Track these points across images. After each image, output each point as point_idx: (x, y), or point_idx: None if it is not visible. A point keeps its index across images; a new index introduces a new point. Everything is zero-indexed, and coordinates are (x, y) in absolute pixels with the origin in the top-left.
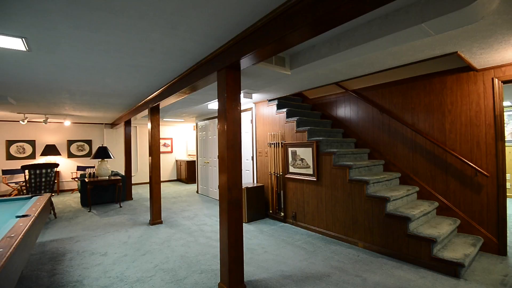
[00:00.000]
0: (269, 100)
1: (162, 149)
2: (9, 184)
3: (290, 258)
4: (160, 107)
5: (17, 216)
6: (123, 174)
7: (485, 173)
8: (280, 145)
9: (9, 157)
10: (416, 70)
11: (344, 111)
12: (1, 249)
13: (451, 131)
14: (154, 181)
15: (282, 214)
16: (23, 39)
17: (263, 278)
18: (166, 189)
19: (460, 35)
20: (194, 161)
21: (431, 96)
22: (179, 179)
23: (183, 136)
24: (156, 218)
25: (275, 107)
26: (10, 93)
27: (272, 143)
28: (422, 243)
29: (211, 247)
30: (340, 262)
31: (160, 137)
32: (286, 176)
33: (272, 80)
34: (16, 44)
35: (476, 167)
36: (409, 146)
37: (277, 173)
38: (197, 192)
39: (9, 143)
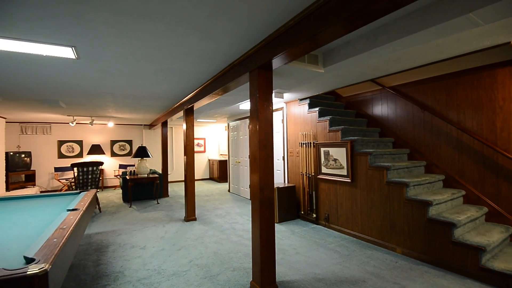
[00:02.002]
0: (300, 100)
1: (195, 148)
2: (60, 180)
3: (323, 261)
4: (194, 108)
5: (68, 210)
6: (160, 172)
7: None
8: (312, 145)
9: (60, 155)
10: (462, 64)
11: (381, 109)
12: (55, 239)
13: (503, 130)
14: (189, 179)
15: (314, 215)
16: (73, 48)
17: (295, 279)
18: (199, 188)
19: None
20: (226, 160)
21: (479, 91)
22: (211, 178)
23: (215, 136)
24: (190, 215)
25: (306, 106)
26: (61, 98)
27: (303, 143)
28: (469, 252)
29: (242, 246)
30: (376, 267)
31: (194, 137)
32: (318, 176)
33: (304, 79)
34: (66, 52)
35: None
36: (454, 146)
37: (308, 173)
38: (229, 191)
39: (60, 143)
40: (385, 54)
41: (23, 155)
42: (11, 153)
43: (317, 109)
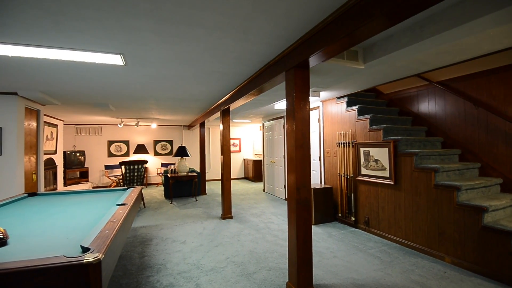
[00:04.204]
0: (338, 98)
1: (231, 148)
2: (109, 177)
3: (363, 266)
4: (230, 109)
5: (117, 204)
6: (198, 171)
7: None
8: (350, 145)
9: (110, 154)
10: None
11: (428, 106)
12: (107, 231)
13: None
14: (225, 178)
15: (353, 218)
16: (121, 55)
17: (333, 283)
18: (235, 187)
19: None
20: (261, 160)
21: None
22: (246, 177)
23: (250, 136)
24: (227, 213)
25: (344, 105)
26: (110, 101)
27: (341, 143)
28: None
29: (278, 246)
30: (422, 277)
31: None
32: (358, 178)
33: (343, 76)
34: (115, 60)
35: None
36: None
37: (347, 174)
38: (264, 190)
39: (110, 143)
40: (432, 47)
41: (78, 154)
42: (68, 152)
43: (356, 107)
